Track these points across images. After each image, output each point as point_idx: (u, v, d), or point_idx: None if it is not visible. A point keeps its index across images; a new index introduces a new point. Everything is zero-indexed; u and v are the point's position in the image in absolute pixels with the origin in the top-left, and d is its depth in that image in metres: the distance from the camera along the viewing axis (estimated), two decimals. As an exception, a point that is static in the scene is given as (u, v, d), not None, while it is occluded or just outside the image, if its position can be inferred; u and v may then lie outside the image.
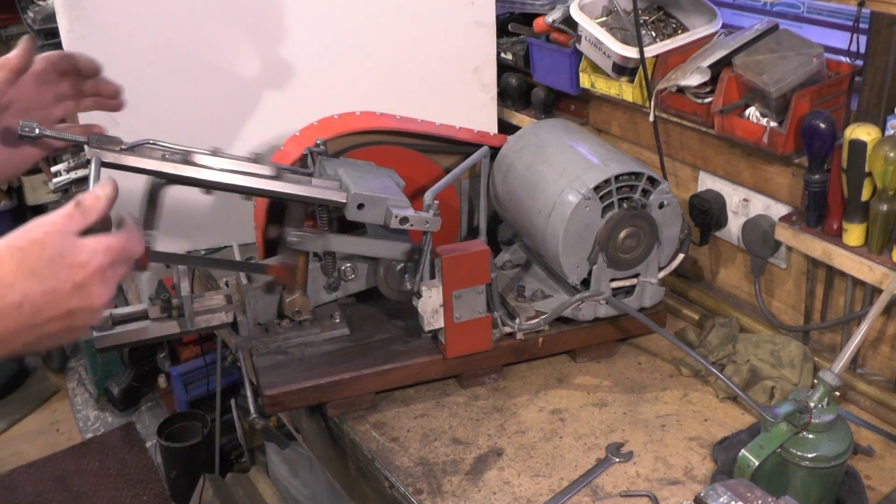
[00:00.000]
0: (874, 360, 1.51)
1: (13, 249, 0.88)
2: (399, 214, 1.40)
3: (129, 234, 0.96)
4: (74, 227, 0.92)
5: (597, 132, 1.98)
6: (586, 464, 1.35)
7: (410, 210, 1.42)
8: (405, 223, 1.41)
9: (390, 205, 1.41)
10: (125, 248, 0.94)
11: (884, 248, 1.39)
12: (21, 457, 3.46)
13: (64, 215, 0.92)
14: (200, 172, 1.29)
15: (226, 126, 1.83)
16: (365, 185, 1.43)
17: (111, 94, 1.27)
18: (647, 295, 1.58)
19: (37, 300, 0.87)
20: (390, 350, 1.52)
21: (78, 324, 0.92)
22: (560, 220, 1.47)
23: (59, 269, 0.89)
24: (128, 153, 1.22)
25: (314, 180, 1.41)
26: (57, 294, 0.89)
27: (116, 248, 0.93)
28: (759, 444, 1.17)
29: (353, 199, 1.40)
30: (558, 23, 1.89)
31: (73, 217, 0.92)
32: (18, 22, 3.46)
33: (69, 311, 0.90)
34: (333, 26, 1.82)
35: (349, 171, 1.48)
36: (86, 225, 0.93)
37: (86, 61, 1.24)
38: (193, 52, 1.74)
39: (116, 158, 1.21)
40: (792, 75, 1.48)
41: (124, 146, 1.22)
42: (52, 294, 0.88)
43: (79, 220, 0.93)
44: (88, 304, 0.91)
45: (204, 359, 3.15)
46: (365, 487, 1.47)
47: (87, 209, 0.94)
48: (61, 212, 0.92)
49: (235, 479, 2.85)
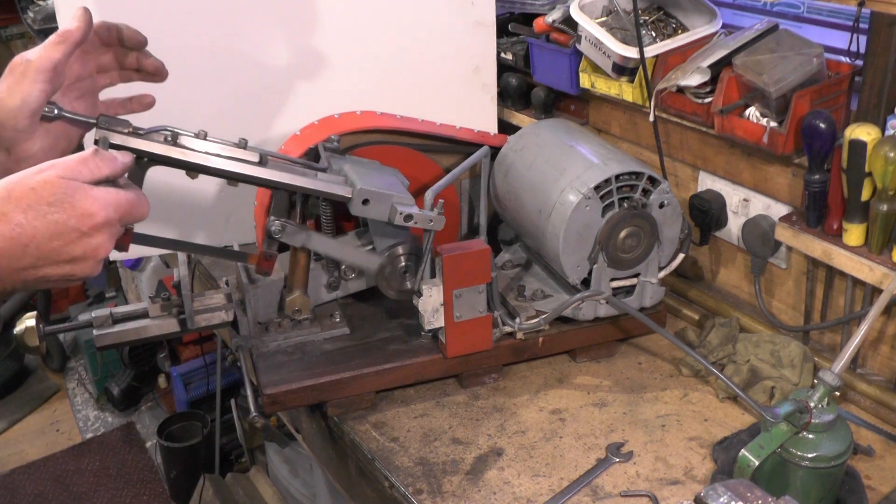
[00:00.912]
0: (874, 360, 1.51)
1: (25, 189, 0.87)
2: (404, 212, 1.40)
3: (137, 195, 0.96)
4: (87, 174, 0.92)
5: (597, 132, 1.98)
6: (586, 464, 1.35)
7: (415, 208, 1.42)
8: (409, 220, 1.41)
9: (395, 202, 1.42)
10: (133, 207, 0.94)
11: (884, 248, 1.39)
12: (21, 457, 3.46)
13: (79, 160, 0.92)
14: (209, 160, 1.28)
15: (226, 125, 1.82)
16: (371, 182, 1.43)
17: (153, 70, 1.26)
18: (648, 295, 1.58)
19: (42, 243, 0.87)
20: (390, 349, 1.52)
21: (77, 273, 0.91)
22: (560, 220, 1.47)
23: (69, 214, 0.88)
24: (137, 137, 1.22)
25: (321, 174, 1.41)
26: (63, 239, 0.88)
27: (125, 205, 0.93)
28: (759, 444, 1.17)
29: (359, 195, 1.40)
30: (558, 23, 1.89)
31: (88, 163, 0.92)
32: (18, 22, 3.47)
33: (72, 258, 0.90)
34: (334, 26, 1.82)
35: (355, 167, 1.49)
36: (98, 177, 0.93)
37: (131, 33, 1.23)
38: (192, 52, 1.74)
39: (124, 140, 1.21)
40: (792, 75, 1.48)
41: (133, 129, 1.22)
42: (59, 238, 0.88)
43: (93, 167, 0.92)
44: (93, 253, 0.91)
45: (204, 359, 3.16)
46: (365, 487, 1.47)
47: (105, 160, 0.94)
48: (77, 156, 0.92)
49: (235, 479, 2.85)
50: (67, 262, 0.90)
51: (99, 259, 0.92)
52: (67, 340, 4.15)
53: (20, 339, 1.26)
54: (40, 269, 0.89)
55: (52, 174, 0.89)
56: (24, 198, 0.87)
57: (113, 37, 1.22)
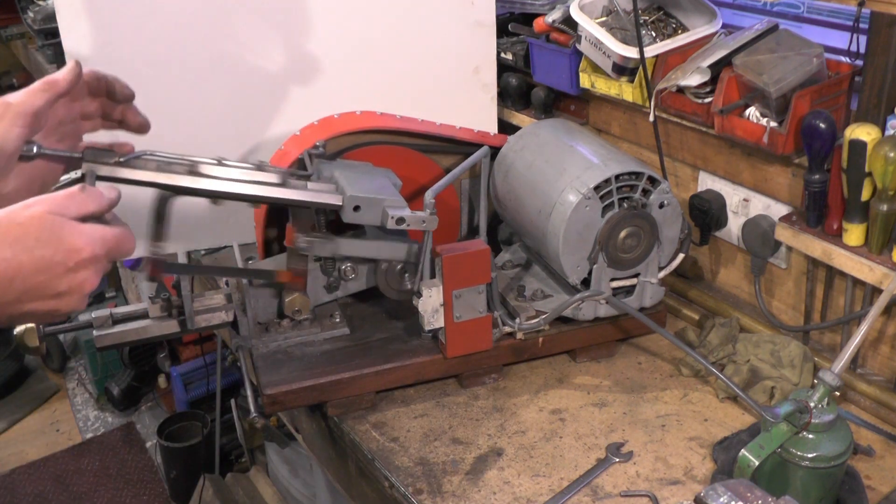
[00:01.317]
0: (874, 360, 1.51)
1: (12, 224, 0.87)
2: (395, 215, 1.40)
3: (124, 230, 0.96)
4: (74, 210, 0.92)
5: (597, 132, 1.98)
6: (586, 464, 1.35)
7: (407, 210, 1.41)
8: (402, 223, 1.40)
9: (386, 206, 1.41)
10: (120, 242, 0.95)
11: (884, 248, 1.39)
12: (21, 457, 3.46)
13: (66, 196, 0.92)
14: (197, 182, 1.29)
15: (226, 125, 1.83)
16: (361, 187, 1.43)
17: (137, 125, 1.26)
18: (648, 295, 1.58)
19: (28, 278, 0.87)
20: (390, 350, 1.52)
21: (63, 308, 0.91)
22: (560, 220, 1.47)
23: (56, 249, 0.88)
24: (123, 166, 1.22)
25: (310, 184, 1.41)
26: (49, 274, 0.88)
27: (112, 241, 0.94)
28: (759, 444, 1.17)
29: (349, 202, 1.40)
30: (558, 23, 1.89)
31: (75, 199, 0.92)
32: (18, 22, 3.47)
33: (58, 293, 0.90)
34: (334, 26, 1.82)
35: (345, 172, 1.48)
36: (85, 212, 0.93)
37: (120, 87, 1.23)
38: (192, 52, 1.74)
39: (112, 171, 1.21)
40: (792, 75, 1.48)
41: (119, 158, 1.22)
42: (45, 273, 0.88)
43: (80, 203, 0.92)
44: (78, 288, 0.91)
45: (204, 359, 3.15)
46: (365, 487, 1.47)
47: (91, 196, 0.94)
48: (64, 192, 0.92)
49: (235, 479, 2.85)
50: (53, 297, 0.90)
51: (84, 294, 0.92)
52: (67, 340, 4.15)
53: (20, 340, 1.26)
54: (25, 304, 0.89)
55: (40, 209, 0.89)
56: (10, 232, 0.87)
57: (101, 87, 1.22)
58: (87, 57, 1.67)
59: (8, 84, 4.40)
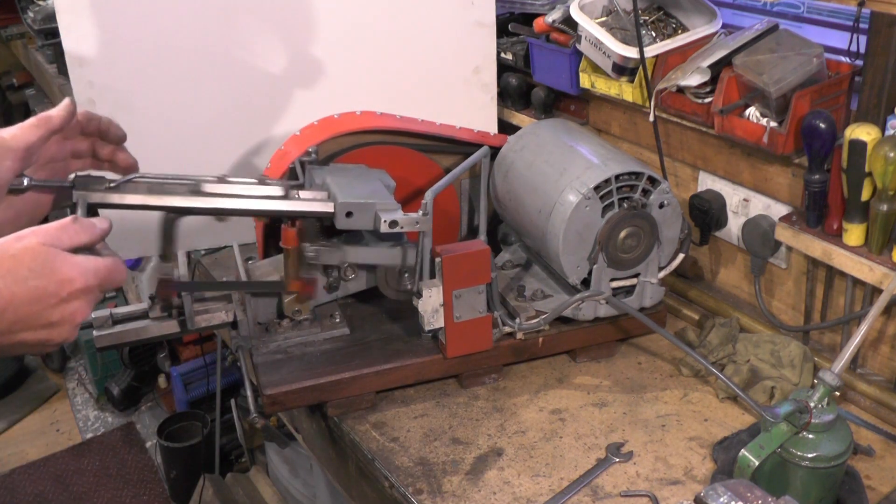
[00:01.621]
0: (874, 360, 1.51)
1: (5, 255, 0.88)
2: (387, 219, 1.39)
3: (115, 261, 0.97)
4: (67, 241, 0.93)
5: (597, 132, 1.98)
6: (586, 464, 1.35)
7: (399, 213, 1.41)
8: (394, 227, 1.40)
9: (378, 209, 1.41)
10: (112, 273, 0.96)
11: (884, 248, 1.39)
12: (21, 457, 3.46)
13: (59, 227, 0.93)
14: (189, 201, 1.29)
15: (226, 126, 1.83)
16: (352, 192, 1.42)
17: (126, 166, 1.26)
18: (647, 295, 1.58)
19: (20, 308, 0.88)
20: (390, 350, 1.52)
21: (54, 338, 0.93)
22: (560, 220, 1.47)
23: (49, 280, 0.90)
24: (114, 191, 1.23)
25: (302, 193, 1.41)
26: (41, 304, 0.89)
27: (104, 271, 0.95)
28: (759, 444, 1.17)
29: (341, 209, 1.40)
30: (558, 23, 1.89)
31: (68, 231, 0.94)
32: (18, 22, 3.47)
33: (49, 323, 0.91)
34: (334, 27, 1.82)
35: (336, 178, 1.48)
36: (77, 243, 0.95)
37: (113, 128, 1.23)
38: (193, 52, 1.74)
39: (103, 198, 1.22)
40: (792, 75, 1.48)
41: (110, 184, 1.23)
42: (37, 304, 0.89)
43: (72, 235, 0.94)
44: (70, 318, 0.92)
45: (204, 359, 3.15)
46: (365, 487, 1.47)
47: (83, 228, 0.96)
48: (57, 224, 0.93)
49: (235, 479, 2.85)
50: (45, 327, 0.91)
51: (76, 324, 0.93)
52: (67, 340, 4.15)
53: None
54: (17, 334, 0.90)
55: (33, 241, 0.90)
56: (3, 264, 0.88)
57: (94, 128, 1.22)
58: (88, 57, 1.67)
59: (8, 84, 4.40)
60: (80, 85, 1.69)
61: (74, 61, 1.66)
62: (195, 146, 1.82)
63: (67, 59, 1.66)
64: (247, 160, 1.87)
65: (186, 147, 1.82)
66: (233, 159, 1.87)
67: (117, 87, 1.71)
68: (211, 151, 1.84)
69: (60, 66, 2.94)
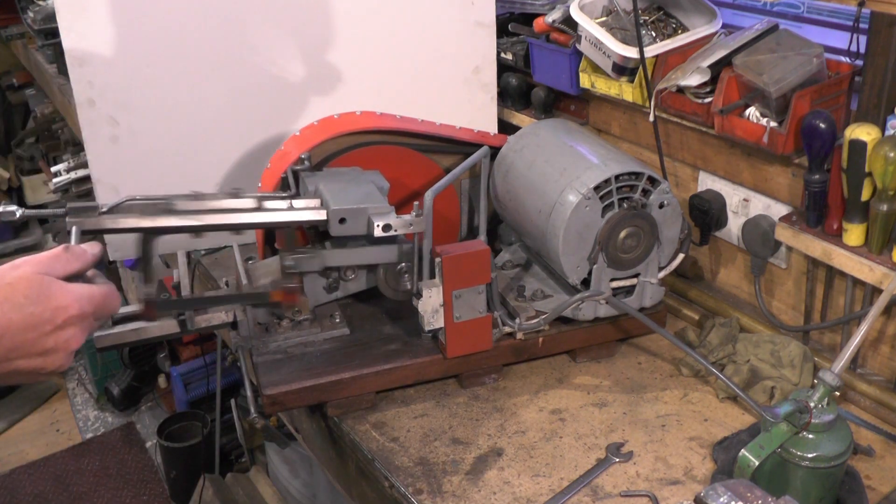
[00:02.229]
0: (874, 360, 1.51)
1: (1, 283, 0.90)
2: (380, 223, 1.39)
3: (110, 288, 0.98)
4: (60, 269, 0.95)
5: (597, 132, 1.98)
6: (586, 464, 1.35)
7: (392, 216, 1.41)
8: (388, 230, 1.40)
9: (371, 214, 1.41)
10: (106, 301, 0.97)
11: (884, 248, 1.39)
12: (21, 457, 3.46)
13: (52, 256, 0.95)
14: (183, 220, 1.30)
15: (225, 126, 1.83)
16: (345, 198, 1.42)
17: None
18: (647, 295, 1.58)
19: (17, 335, 0.89)
20: (390, 350, 1.52)
21: (49, 365, 0.93)
22: (560, 220, 1.47)
23: (45, 307, 0.91)
24: (107, 216, 1.25)
25: (295, 202, 1.41)
26: (37, 331, 0.90)
27: (98, 299, 0.96)
28: (759, 444, 1.17)
29: (334, 216, 1.40)
30: (558, 23, 1.89)
31: (60, 259, 0.96)
32: (18, 22, 3.46)
33: (44, 350, 0.92)
34: (334, 27, 1.83)
35: (329, 184, 1.48)
36: (70, 271, 0.96)
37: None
38: (193, 53, 1.74)
39: (97, 224, 1.24)
40: (792, 75, 1.48)
41: (102, 209, 1.24)
42: (33, 331, 0.90)
43: (65, 263, 0.96)
44: (64, 346, 0.93)
45: (204, 359, 3.15)
46: (365, 487, 1.47)
47: (75, 256, 0.97)
48: (49, 253, 0.95)
49: (235, 479, 2.85)
50: (40, 354, 0.92)
51: (70, 351, 0.94)
52: (67, 340, 4.15)
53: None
54: (13, 362, 0.91)
55: (28, 270, 0.92)
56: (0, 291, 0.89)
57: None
58: (88, 57, 1.67)
59: (8, 84, 4.40)
60: (80, 85, 1.69)
61: (74, 61, 1.67)
62: (195, 146, 1.83)
63: (67, 58, 1.66)
64: (246, 160, 1.87)
65: (186, 147, 1.82)
66: (232, 159, 1.87)
67: (117, 87, 1.71)
68: (211, 151, 1.85)
69: (60, 66, 2.94)
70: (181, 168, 1.82)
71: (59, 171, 3.11)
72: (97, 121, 1.72)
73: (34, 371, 0.93)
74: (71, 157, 3.24)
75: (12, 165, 4.47)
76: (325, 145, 1.62)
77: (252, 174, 1.81)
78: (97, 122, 1.72)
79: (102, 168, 1.77)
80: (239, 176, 1.87)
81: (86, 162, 1.96)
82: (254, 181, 1.71)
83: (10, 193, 4.52)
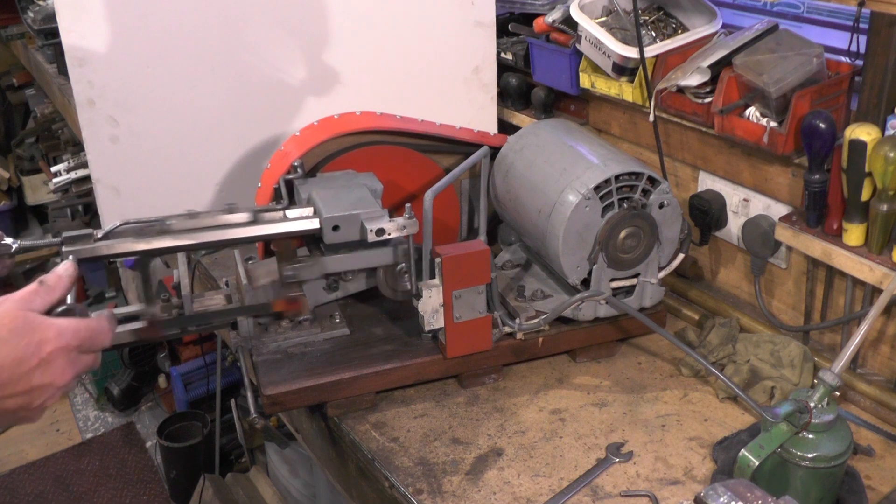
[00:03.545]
0: (874, 360, 1.51)
1: None
2: (373, 227, 1.39)
3: (98, 322, 0.98)
4: (39, 303, 0.95)
5: (597, 132, 1.98)
6: (586, 464, 1.35)
7: (385, 219, 1.41)
8: (381, 234, 1.40)
9: (363, 219, 1.41)
10: (92, 334, 0.96)
11: (884, 248, 1.39)
12: (21, 457, 3.46)
13: (30, 291, 0.95)
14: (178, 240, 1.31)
15: (225, 126, 1.83)
16: (337, 205, 1.42)
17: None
18: (647, 295, 1.58)
19: (2, 373, 0.88)
20: (390, 350, 1.52)
21: (37, 402, 0.93)
22: (560, 220, 1.47)
23: (28, 340, 0.90)
24: (102, 242, 1.25)
25: (288, 212, 1.41)
26: (22, 367, 0.90)
27: (84, 332, 0.95)
28: (759, 444, 1.17)
29: (327, 224, 1.40)
30: (558, 23, 1.89)
31: (38, 293, 0.95)
32: (18, 22, 3.46)
33: (31, 388, 0.91)
34: (334, 27, 1.83)
35: (321, 191, 1.48)
36: (50, 302, 0.96)
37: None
38: (193, 53, 1.74)
39: (93, 251, 1.24)
40: (792, 75, 1.48)
41: (97, 235, 1.25)
42: (18, 367, 0.89)
43: (43, 296, 0.95)
44: (51, 380, 0.92)
45: (204, 359, 3.15)
46: (365, 487, 1.47)
47: (51, 287, 0.97)
48: (26, 289, 0.95)
49: (235, 479, 2.85)
50: (26, 392, 0.91)
51: (58, 387, 0.93)
52: (67, 340, 4.14)
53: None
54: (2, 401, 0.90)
55: (10, 306, 0.91)
56: None
57: None
58: (88, 57, 1.67)
59: (8, 84, 4.40)
60: (80, 85, 1.69)
61: (74, 61, 1.67)
62: (195, 146, 1.83)
63: (67, 58, 1.66)
64: (246, 160, 1.87)
65: (186, 147, 1.82)
66: (232, 159, 1.87)
67: (117, 87, 1.71)
68: (210, 151, 1.85)
69: (60, 66, 2.94)
70: (181, 168, 1.82)
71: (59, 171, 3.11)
72: (97, 121, 1.72)
73: (21, 408, 0.92)
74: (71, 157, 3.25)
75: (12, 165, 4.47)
76: (326, 145, 1.62)
77: (252, 174, 1.81)
78: (97, 122, 1.72)
79: (102, 168, 1.77)
80: (239, 176, 1.87)
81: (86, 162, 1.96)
82: (254, 181, 1.71)
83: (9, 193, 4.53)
